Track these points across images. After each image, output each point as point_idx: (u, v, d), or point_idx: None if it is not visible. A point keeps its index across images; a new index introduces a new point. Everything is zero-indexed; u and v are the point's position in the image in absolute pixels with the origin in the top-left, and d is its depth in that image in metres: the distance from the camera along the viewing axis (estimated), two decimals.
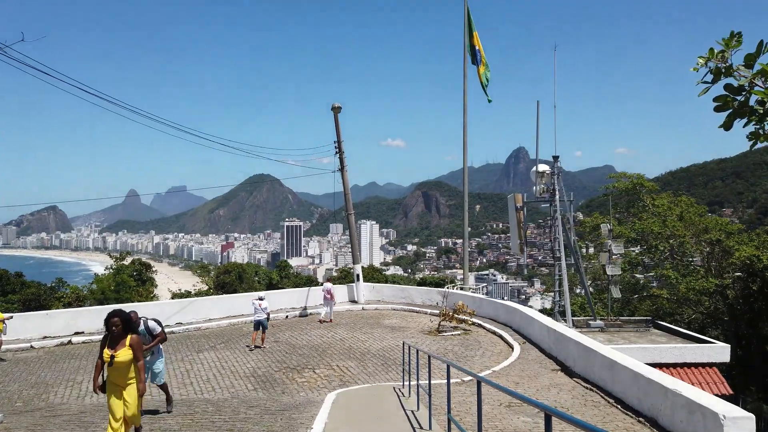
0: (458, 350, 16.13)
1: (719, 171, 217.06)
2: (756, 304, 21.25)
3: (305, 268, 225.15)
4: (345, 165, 24.10)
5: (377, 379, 13.21)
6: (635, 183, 28.79)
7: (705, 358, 15.37)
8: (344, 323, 20.71)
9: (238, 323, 20.93)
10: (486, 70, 24.43)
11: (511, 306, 18.71)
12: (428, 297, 24.13)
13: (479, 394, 5.89)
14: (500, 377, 13.14)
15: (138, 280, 39.45)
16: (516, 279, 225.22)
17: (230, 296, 24.99)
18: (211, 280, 44.23)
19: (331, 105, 23.08)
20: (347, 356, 15.36)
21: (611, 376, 11.34)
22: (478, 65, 24.17)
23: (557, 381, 12.76)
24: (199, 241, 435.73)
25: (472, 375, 6.85)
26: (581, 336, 13.52)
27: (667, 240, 25.47)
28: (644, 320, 19.16)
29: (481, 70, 24.13)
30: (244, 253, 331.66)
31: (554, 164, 18.72)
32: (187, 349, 16.45)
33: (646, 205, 28.38)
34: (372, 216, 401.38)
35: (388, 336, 18.18)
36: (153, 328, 9.62)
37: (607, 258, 19.02)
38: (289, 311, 22.81)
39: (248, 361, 14.85)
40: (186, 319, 20.69)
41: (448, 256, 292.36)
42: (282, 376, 13.39)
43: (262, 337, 16.60)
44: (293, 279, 45.09)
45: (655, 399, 9.63)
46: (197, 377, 13.26)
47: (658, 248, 26.04)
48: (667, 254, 26.47)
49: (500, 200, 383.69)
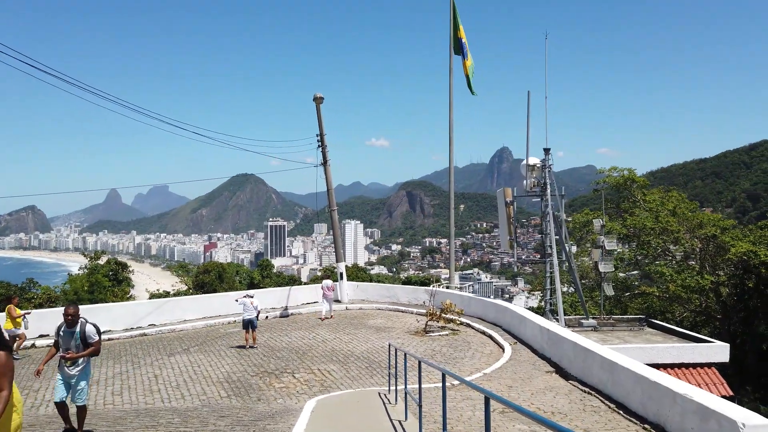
0: (446, 351, 15.33)
1: (699, 171, 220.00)
2: (751, 302, 20.77)
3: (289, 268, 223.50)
4: (328, 159, 23.17)
5: (361, 383, 12.34)
6: (626, 178, 28.23)
7: (703, 358, 14.75)
8: (326, 324, 19.81)
9: (215, 324, 19.93)
10: (472, 64, 23.90)
11: (501, 305, 17.97)
12: (414, 296, 23.32)
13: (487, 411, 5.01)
14: (492, 380, 12.36)
15: (113, 280, 38.10)
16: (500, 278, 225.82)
17: (207, 296, 23.95)
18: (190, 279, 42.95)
19: (313, 95, 22.11)
20: (329, 359, 14.47)
21: (611, 379, 10.59)
22: (464, 58, 23.59)
23: (552, 384, 12.00)
24: (181, 241, 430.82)
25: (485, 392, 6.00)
26: (577, 336, 12.79)
27: (660, 236, 24.88)
28: (638, 319, 18.53)
29: (468, 63, 23.59)
30: (228, 253, 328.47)
31: (545, 157, 18.01)
32: (157, 352, 15.43)
33: (637, 201, 27.82)
34: (356, 216, 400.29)
35: (372, 337, 17.32)
36: (89, 334, 8.14)
37: (599, 254, 18.35)
38: (270, 311, 21.83)
39: (223, 365, 13.88)
40: (159, 320, 19.64)
41: (432, 255, 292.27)
42: (258, 381, 12.45)
43: (253, 336, 15.86)
44: (275, 278, 44.00)
45: (662, 404, 8.89)
46: (166, 383, 12.27)
47: (650, 244, 25.44)
48: (660, 250, 25.89)
49: (484, 200, 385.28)
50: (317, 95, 22.04)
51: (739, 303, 22.09)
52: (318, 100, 22.05)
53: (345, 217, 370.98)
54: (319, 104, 22.15)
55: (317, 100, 22.07)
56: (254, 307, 15.85)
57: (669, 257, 26.00)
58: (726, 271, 22.97)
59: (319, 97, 22.04)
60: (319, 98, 22.04)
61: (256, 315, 15.95)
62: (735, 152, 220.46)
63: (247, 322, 15.78)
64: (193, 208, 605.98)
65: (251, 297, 16.23)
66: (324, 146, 22.90)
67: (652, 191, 29.09)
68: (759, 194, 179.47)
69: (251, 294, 16.71)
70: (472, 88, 23.80)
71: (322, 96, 22.09)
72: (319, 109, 22.25)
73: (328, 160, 23.08)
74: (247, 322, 15.77)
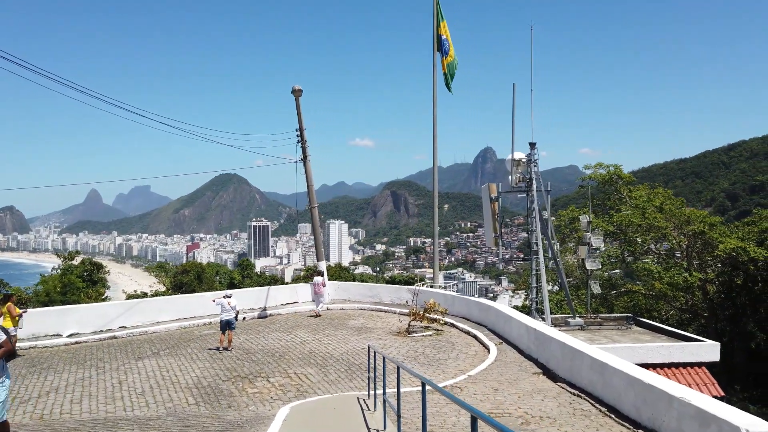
0: (430, 353, 14.74)
1: (679, 171, 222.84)
2: (739, 299, 20.46)
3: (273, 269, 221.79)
4: (308, 155, 22.44)
5: (340, 387, 11.68)
6: (612, 174, 27.84)
7: (694, 357, 14.33)
8: (306, 325, 19.11)
9: (190, 326, 19.10)
10: (454, 60, 23.45)
11: (485, 304, 17.43)
12: (397, 295, 22.71)
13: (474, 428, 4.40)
14: (477, 382, 11.79)
15: (88, 280, 36.94)
16: (484, 277, 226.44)
17: (183, 296, 23.10)
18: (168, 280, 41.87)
19: (292, 88, 21.35)
20: (307, 362, 13.78)
21: (602, 381, 10.07)
22: (444, 56, 23.22)
23: (540, 386, 11.47)
24: (163, 241, 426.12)
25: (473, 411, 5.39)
26: (565, 335, 12.26)
27: (647, 232, 24.49)
28: (625, 317, 18.12)
29: (447, 61, 23.21)
30: (211, 253, 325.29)
31: (531, 152, 17.50)
32: (125, 356, 14.61)
33: (623, 197, 27.45)
34: (341, 215, 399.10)
35: (353, 338, 16.66)
36: None
37: (586, 251, 17.90)
38: (247, 312, 21.06)
39: (194, 369, 13.13)
40: (131, 322, 18.77)
41: (417, 255, 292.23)
42: (230, 386, 11.73)
43: (229, 337, 15.21)
44: (256, 279, 43.10)
45: (657, 408, 8.37)
46: (130, 390, 11.49)
47: (637, 241, 25.05)
48: (647, 247, 25.53)
49: (468, 199, 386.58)
50: (296, 87, 21.26)
51: (726, 301, 21.78)
52: (297, 92, 21.27)
53: (330, 217, 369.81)
54: (298, 97, 21.38)
55: (296, 93, 21.29)
56: (232, 308, 15.31)
57: (655, 254, 25.62)
58: (714, 268, 22.65)
59: (298, 90, 21.27)
60: (298, 90, 21.27)
61: (234, 316, 15.37)
62: (714, 152, 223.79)
63: (224, 324, 15.20)
64: (176, 209, 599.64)
65: (229, 297, 15.70)
66: (304, 141, 22.16)
67: (638, 188, 28.77)
68: (737, 193, 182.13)
69: (229, 294, 16.18)
70: (449, 86, 23.51)
71: (300, 88, 21.33)
72: (299, 102, 21.49)
73: (308, 155, 22.34)
74: (225, 323, 15.19)
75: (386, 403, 8.04)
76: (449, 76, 23.52)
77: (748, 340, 19.87)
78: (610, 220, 25.58)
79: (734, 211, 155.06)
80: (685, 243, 23.91)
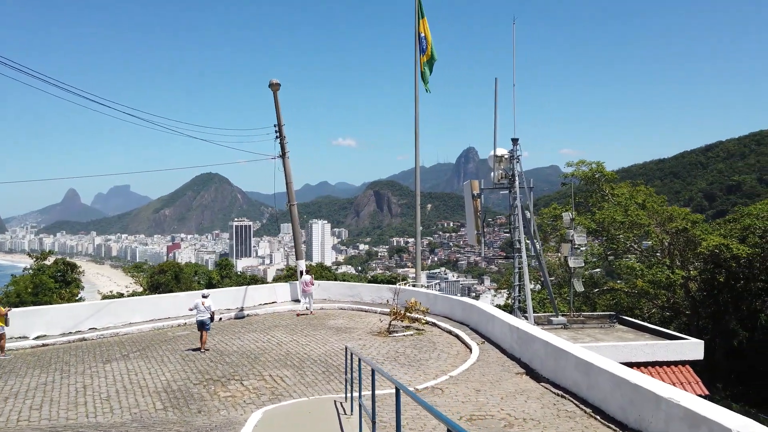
0: (410, 353, 14.34)
1: (658, 171, 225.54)
2: (721, 297, 20.37)
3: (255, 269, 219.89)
4: (287, 151, 21.90)
5: (316, 390, 11.23)
6: (594, 171, 27.68)
7: (677, 355, 14.13)
8: (283, 325, 18.60)
9: (163, 327, 18.48)
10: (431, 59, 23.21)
11: (467, 302, 17.08)
12: (378, 294, 22.29)
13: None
14: (459, 383, 11.43)
15: (61, 281, 35.92)
16: (467, 277, 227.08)
17: (156, 297, 22.40)
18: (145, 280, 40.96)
19: (269, 81, 20.76)
20: (283, 364, 13.30)
21: (587, 382, 9.76)
22: (422, 53, 23.01)
23: (523, 386, 11.14)
24: (143, 242, 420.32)
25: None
26: (549, 335, 11.95)
27: (630, 230, 24.34)
28: (607, 315, 17.91)
29: (424, 59, 22.99)
30: (191, 254, 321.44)
31: (514, 147, 17.19)
32: (92, 359, 13.98)
33: (605, 195, 27.31)
34: (323, 215, 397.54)
35: (332, 338, 16.20)
36: None
37: (569, 249, 17.65)
38: (224, 313, 20.49)
39: (164, 372, 12.57)
40: (101, 323, 18.11)
41: (399, 255, 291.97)
42: (202, 390, 11.21)
43: (203, 338, 14.85)
44: (236, 279, 42.36)
45: (644, 409, 8.07)
46: (95, 395, 10.91)
47: (620, 239, 24.88)
48: (629, 245, 25.37)
49: (451, 199, 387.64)
50: (273, 81, 20.67)
51: (708, 298, 21.71)
52: (274, 86, 20.68)
53: (312, 216, 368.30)
54: (276, 91, 20.78)
55: (273, 87, 20.70)
56: (206, 308, 14.92)
57: (637, 252, 25.48)
58: (696, 266, 22.56)
59: (276, 84, 20.67)
60: (276, 84, 20.67)
61: (210, 317, 14.97)
62: (692, 153, 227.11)
63: (199, 324, 14.88)
64: (156, 208, 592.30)
65: (205, 297, 15.33)
66: (282, 137, 21.60)
67: (620, 185, 28.68)
68: (714, 193, 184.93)
69: (206, 294, 15.80)
70: (426, 84, 23.27)
71: (278, 82, 20.73)
72: (277, 96, 20.90)
73: (286, 151, 21.79)
74: (200, 323, 14.87)
75: (362, 407, 7.61)
76: (426, 75, 23.35)
77: (730, 337, 19.80)
78: (592, 217, 25.40)
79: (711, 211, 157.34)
80: (667, 240, 23.77)
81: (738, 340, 19.93)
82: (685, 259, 23.42)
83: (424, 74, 23.30)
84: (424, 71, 23.24)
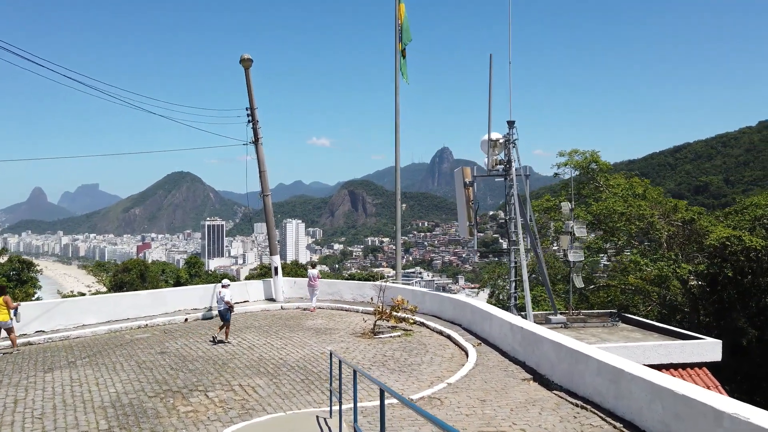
0: (400, 356, 12.79)
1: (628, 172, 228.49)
2: (725, 293, 19.30)
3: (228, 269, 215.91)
4: (260, 137, 20.10)
5: (294, 402, 9.58)
6: (589, 161, 26.45)
7: (694, 357, 12.88)
8: (256, 326, 16.84)
9: (121, 330, 16.55)
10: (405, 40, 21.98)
11: (460, 300, 15.60)
12: (360, 292, 20.68)
13: None
14: (459, 392, 9.91)
15: (16, 280, 33.41)
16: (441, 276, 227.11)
17: (114, 296, 20.38)
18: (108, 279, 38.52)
19: (240, 57, 18.83)
20: (255, 371, 11.59)
21: (615, 390, 8.30)
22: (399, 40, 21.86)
23: (533, 395, 9.67)
24: (112, 241, 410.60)
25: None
26: (560, 335, 10.51)
27: (632, 221, 23.07)
28: (609, 313, 16.64)
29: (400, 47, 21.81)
30: (162, 253, 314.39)
31: (510, 131, 15.74)
32: (32, 367, 12.06)
33: (600, 186, 26.11)
34: (298, 215, 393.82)
35: (311, 341, 14.54)
36: None
37: (568, 241, 16.30)
38: (190, 313, 18.64)
39: (114, 382, 10.75)
40: (50, 325, 16.08)
41: (374, 254, 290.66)
42: (158, 404, 9.46)
43: (226, 330, 14.54)
44: (205, 278, 40.20)
45: (697, 426, 6.64)
46: (27, 411, 9.07)
47: (621, 231, 23.59)
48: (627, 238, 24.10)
49: (426, 199, 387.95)
50: (245, 56, 18.66)
51: (711, 294, 20.63)
52: (246, 62, 18.70)
53: (286, 216, 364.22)
54: (248, 68, 18.81)
55: (245, 63, 18.72)
56: (221, 298, 14.70)
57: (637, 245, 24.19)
58: (700, 260, 21.46)
59: (247, 59, 18.71)
60: (247, 60, 18.71)
61: (227, 308, 14.55)
62: (661, 154, 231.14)
63: (219, 315, 14.77)
64: (126, 207, 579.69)
65: (224, 287, 15.12)
66: (255, 121, 19.75)
67: (615, 176, 27.56)
68: (683, 194, 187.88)
69: (225, 283, 15.50)
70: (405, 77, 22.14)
71: (250, 57, 18.77)
72: (249, 74, 18.95)
73: (260, 137, 19.98)
74: (219, 314, 14.72)
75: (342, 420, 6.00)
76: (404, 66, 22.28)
77: (737, 336, 18.74)
78: (588, 209, 24.13)
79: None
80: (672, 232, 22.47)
81: (747, 338, 18.88)
82: (688, 253, 22.28)
83: (402, 66, 22.24)
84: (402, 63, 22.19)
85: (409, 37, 22.62)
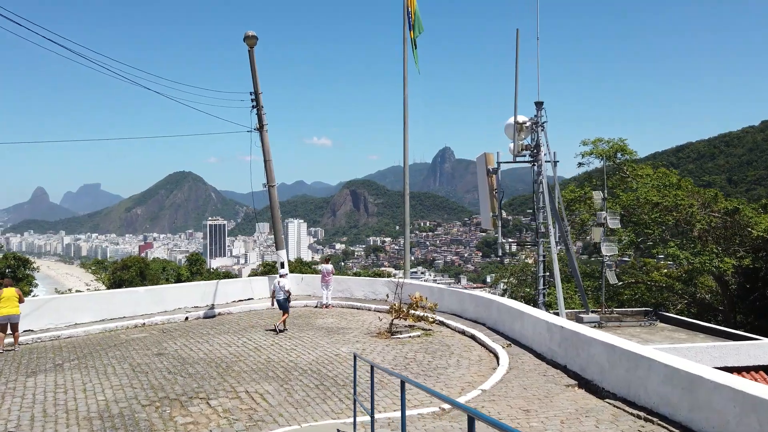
0: (423, 359, 11.54)
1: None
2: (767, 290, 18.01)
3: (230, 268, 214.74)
4: (264, 123, 18.83)
5: (310, 412, 8.34)
6: (616, 150, 25.07)
7: (751, 359, 11.61)
8: (262, 325, 15.61)
9: (116, 329, 15.32)
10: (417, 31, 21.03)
11: (484, 297, 14.34)
12: (371, 289, 19.45)
13: None
14: (497, 400, 8.66)
15: (12, 277, 32.19)
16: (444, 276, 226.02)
17: (109, 292, 19.16)
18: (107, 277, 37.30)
19: (244, 34, 17.46)
20: (263, 375, 10.34)
21: (689, 401, 7.04)
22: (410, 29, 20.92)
23: (583, 404, 8.41)
24: (114, 241, 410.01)
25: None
26: (611, 336, 9.25)
27: (669, 212, 21.64)
28: (645, 312, 15.37)
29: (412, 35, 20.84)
30: (164, 253, 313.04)
31: (538, 113, 14.47)
32: (13, 370, 10.81)
33: (626, 177, 24.75)
34: (300, 215, 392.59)
35: (323, 341, 13.30)
36: None
37: (601, 233, 15.03)
38: (191, 311, 17.41)
39: (104, 387, 9.51)
40: (40, 324, 14.88)
41: (376, 254, 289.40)
42: (152, 414, 8.21)
43: (283, 319, 14.66)
44: (207, 275, 38.97)
45: None
46: (1, 423, 7.83)
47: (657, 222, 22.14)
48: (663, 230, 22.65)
49: (427, 198, 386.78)
50: (249, 33, 17.27)
51: (751, 292, 19.32)
52: (250, 40, 17.26)
53: (288, 216, 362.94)
54: (252, 46, 17.44)
55: (249, 41, 17.25)
56: (280, 288, 14.83)
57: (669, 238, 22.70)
58: (742, 254, 20.10)
59: (252, 36, 17.27)
60: (252, 37, 17.26)
61: (285, 296, 14.71)
62: (663, 153, 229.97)
63: (279, 304, 14.84)
64: (128, 207, 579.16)
65: (283, 276, 15.53)
66: (260, 107, 18.43)
67: (641, 166, 26.21)
68: None
69: (282, 273, 16.02)
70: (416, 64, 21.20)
71: (255, 35, 17.38)
72: (253, 54, 17.57)
73: (264, 124, 18.68)
74: (278, 303, 14.83)
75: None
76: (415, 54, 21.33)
77: None
78: (616, 200, 22.70)
79: None
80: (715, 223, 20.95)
81: None
82: (729, 246, 20.88)
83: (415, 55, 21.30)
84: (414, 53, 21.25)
85: (421, 27, 21.71)
